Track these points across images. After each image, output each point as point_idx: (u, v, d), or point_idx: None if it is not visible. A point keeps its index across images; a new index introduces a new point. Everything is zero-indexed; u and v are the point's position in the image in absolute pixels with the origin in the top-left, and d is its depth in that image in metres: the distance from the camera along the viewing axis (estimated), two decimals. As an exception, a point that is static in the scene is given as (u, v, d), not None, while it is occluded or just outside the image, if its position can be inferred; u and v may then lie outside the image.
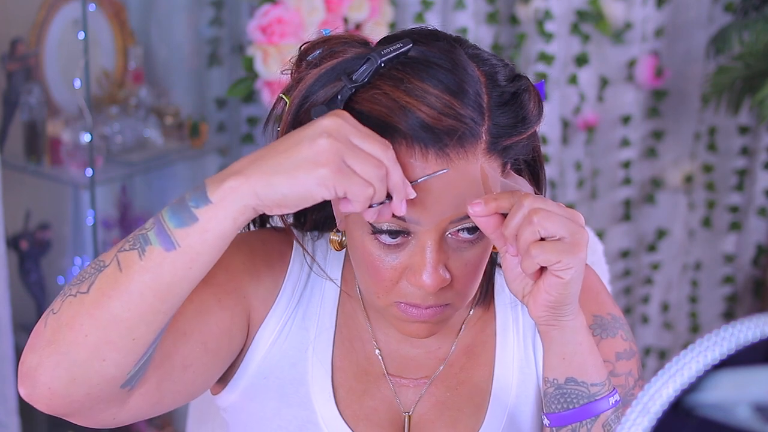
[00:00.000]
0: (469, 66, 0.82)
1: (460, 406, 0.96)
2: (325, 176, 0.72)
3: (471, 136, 0.80)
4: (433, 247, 0.82)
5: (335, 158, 0.73)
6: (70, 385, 0.76)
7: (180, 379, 0.85)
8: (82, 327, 0.76)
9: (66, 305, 0.77)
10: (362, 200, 0.74)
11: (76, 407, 0.79)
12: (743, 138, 2.62)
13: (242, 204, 0.74)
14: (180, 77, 2.31)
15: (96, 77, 2.04)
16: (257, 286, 0.93)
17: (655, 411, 0.48)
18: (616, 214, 2.62)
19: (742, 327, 0.47)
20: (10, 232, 1.90)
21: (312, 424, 0.94)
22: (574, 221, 0.79)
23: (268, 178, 0.73)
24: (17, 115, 1.93)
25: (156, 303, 0.76)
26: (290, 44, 1.88)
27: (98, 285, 0.76)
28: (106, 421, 0.82)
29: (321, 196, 0.74)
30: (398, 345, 0.98)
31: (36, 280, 2.02)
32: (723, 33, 2.14)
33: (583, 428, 0.85)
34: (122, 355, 0.76)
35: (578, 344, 0.84)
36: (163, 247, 0.75)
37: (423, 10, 2.19)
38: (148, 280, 0.75)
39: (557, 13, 2.29)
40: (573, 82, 2.37)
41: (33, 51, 1.95)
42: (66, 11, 1.98)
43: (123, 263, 0.76)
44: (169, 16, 2.28)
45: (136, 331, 0.76)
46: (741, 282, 2.76)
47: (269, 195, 0.73)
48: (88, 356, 0.76)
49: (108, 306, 0.75)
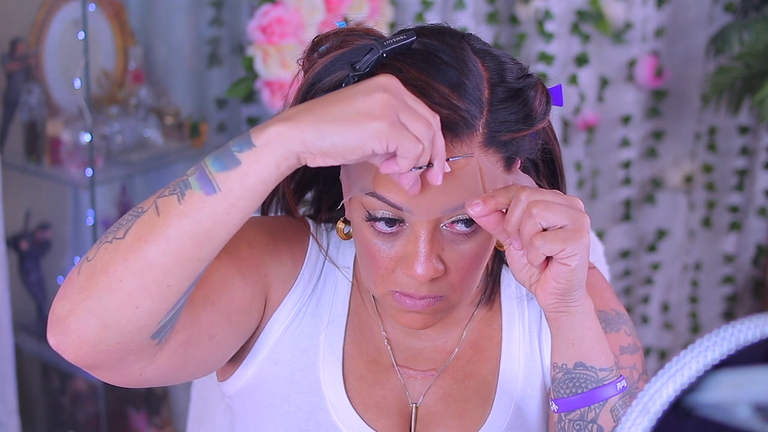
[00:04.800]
0: (471, 60, 0.83)
1: (467, 398, 0.97)
2: (380, 129, 0.72)
3: (466, 127, 0.80)
4: (426, 237, 0.83)
5: (391, 112, 0.73)
6: (101, 333, 0.75)
7: (205, 347, 0.86)
8: (116, 272, 0.74)
9: (101, 252, 0.76)
10: (411, 157, 0.74)
11: (104, 357, 0.77)
12: (743, 138, 2.62)
13: (287, 149, 0.73)
14: (180, 77, 2.31)
15: (96, 77, 2.04)
16: (277, 267, 0.95)
17: (655, 411, 0.48)
18: (616, 214, 2.62)
19: (742, 327, 0.47)
20: (10, 232, 1.90)
21: (321, 410, 0.95)
22: (574, 207, 0.80)
23: (319, 125, 0.73)
24: (17, 115, 1.93)
25: (193, 249, 0.75)
26: (290, 44, 1.88)
27: (135, 230, 0.75)
28: (133, 375, 0.81)
29: (372, 149, 0.73)
30: (405, 337, 0.99)
31: (36, 280, 2.02)
32: (723, 33, 2.14)
33: (591, 413, 0.85)
34: (156, 302, 0.75)
35: (587, 329, 0.85)
36: (204, 191, 0.74)
37: (423, 10, 2.19)
38: (186, 224, 0.74)
39: (557, 13, 2.29)
40: (573, 82, 2.37)
41: (33, 51, 1.95)
42: (66, 11, 1.97)
43: (161, 208, 0.75)
44: (169, 16, 2.28)
45: (171, 277, 0.75)
46: (741, 282, 2.76)
47: (317, 143, 0.73)
48: (122, 303, 0.75)
49: (144, 251, 0.74)
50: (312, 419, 0.95)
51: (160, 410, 2.19)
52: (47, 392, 2.12)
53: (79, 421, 2.09)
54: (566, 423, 0.87)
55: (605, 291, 1.01)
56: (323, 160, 0.74)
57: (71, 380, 2.07)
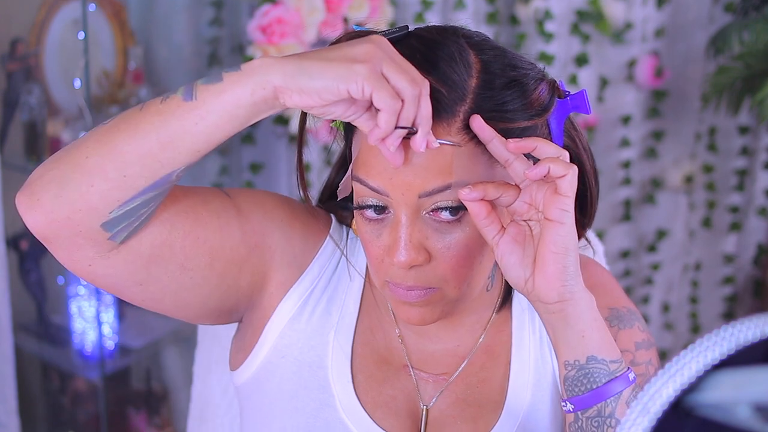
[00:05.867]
0: (461, 49, 0.84)
1: (481, 404, 0.97)
2: (359, 71, 0.75)
3: (443, 111, 0.81)
4: (406, 222, 0.84)
5: (374, 60, 0.76)
6: (55, 201, 0.80)
7: (174, 276, 0.88)
8: (86, 149, 0.80)
9: (90, 132, 0.82)
10: (389, 110, 0.76)
11: (55, 229, 0.81)
12: (743, 138, 2.62)
13: (265, 78, 0.76)
14: (180, 77, 2.30)
15: (96, 77, 2.03)
16: (285, 246, 0.96)
17: (655, 411, 0.48)
18: (616, 214, 2.61)
19: (742, 327, 0.47)
20: (10, 232, 1.90)
21: (329, 407, 0.95)
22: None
23: (301, 62, 0.76)
24: (17, 115, 1.93)
25: (156, 147, 0.79)
26: (290, 44, 1.88)
27: (118, 118, 0.81)
28: (82, 263, 0.84)
29: (347, 89, 0.75)
30: (418, 339, 0.99)
31: (36, 280, 2.02)
32: (723, 33, 2.14)
33: (608, 408, 0.85)
34: (109, 186, 0.79)
35: (594, 320, 0.85)
36: (183, 96, 0.79)
37: (423, 10, 2.19)
38: (156, 122, 0.79)
39: (557, 13, 2.29)
40: (573, 82, 2.37)
41: (33, 51, 1.95)
42: (66, 11, 1.97)
43: (145, 105, 0.81)
44: (169, 16, 2.28)
45: (130, 168, 0.79)
46: (741, 282, 2.76)
47: (296, 77, 0.76)
48: (80, 178, 0.79)
49: (114, 136, 0.79)
50: (320, 416, 0.95)
51: (160, 410, 2.19)
52: (47, 392, 2.12)
53: (79, 421, 2.09)
54: (584, 422, 0.86)
55: (615, 289, 1.02)
56: (300, 98, 0.76)
57: (71, 380, 2.07)
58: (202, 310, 0.93)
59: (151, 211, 0.84)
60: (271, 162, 2.20)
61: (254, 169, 2.18)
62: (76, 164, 0.79)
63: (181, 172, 0.82)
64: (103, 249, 0.83)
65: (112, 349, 2.05)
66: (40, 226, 0.81)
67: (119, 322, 2.05)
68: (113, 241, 0.83)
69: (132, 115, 0.80)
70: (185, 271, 0.88)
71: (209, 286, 0.91)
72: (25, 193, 0.81)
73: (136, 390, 2.20)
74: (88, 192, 0.79)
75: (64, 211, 0.80)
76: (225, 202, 0.92)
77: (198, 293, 0.91)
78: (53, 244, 0.83)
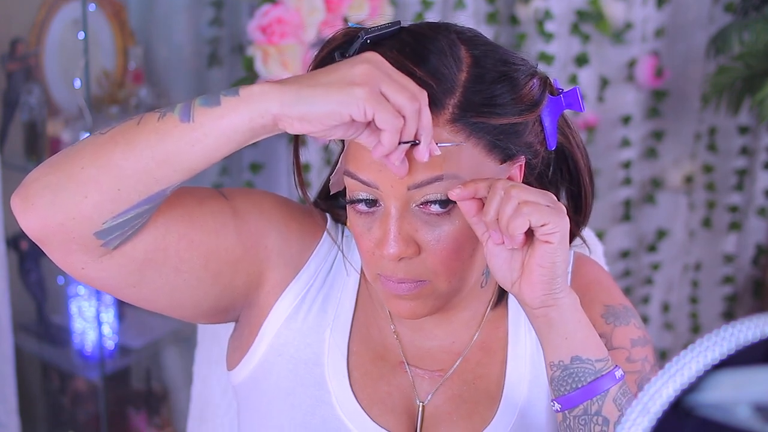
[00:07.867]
0: (451, 44, 0.85)
1: (477, 400, 0.97)
2: (358, 95, 0.75)
3: (432, 104, 0.81)
4: (394, 215, 0.85)
5: (372, 81, 0.76)
6: (50, 208, 0.80)
7: (167, 278, 0.88)
8: (82, 159, 0.80)
9: (86, 140, 0.82)
10: (391, 129, 0.76)
11: (49, 234, 0.81)
12: (743, 138, 2.62)
13: (264, 107, 0.76)
14: (180, 77, 2.30)
15: (96, 77, 2.03)
16: (282, 246, 0.96)
17: (655, 411, 0.48)
18: (616, 214, 2.61)
19: (742, 327, 0.47)
20: (10, 232, 1.90)
21: (326, 404, 0.95)
22: (549, 195, 0.83)
23: (300, 89, 0.76)
24: (17, 115, 1.93)
25: (152, 165, 0.79)
26: (290, 44, 1.88)
27: (115, 130, 0.81)
28: (75, 266, 0.84)
29: (349, 114, 0.75)
30: (413, 335, 0.99)
31: (36, 280, 2.02)
32: (723, 33, 2.14)
33: (594, 406, 0.85)
34: (103, 199, 0.80)
35: (577, 321, 0.85)
36: (180, 116, 0.79)
37: (423, 10, 2.19)
38: (153, 140, 0.79)
39: (557, 13, 2.29)
40: (573, 82, 2.37)
41: (33, 51, 1.95)
42: (66, 11, 1.97)
43: (143, 120, 0.80)
44: (169, 16, 2.28)
45: (124, 183, 0.79)
46: (741, 282, 2.76)
47: (295, 106, 0.76)
48: (75, 188, 0.79)
49: (111, 149, 0.79)
50: (317, 413, 0.95)
51: (160, 410, 2.19)
52: (47, 392, 2.12)
53: (79, 421, 2.09)
54: (571, 420, 0.86)
55: (611, 287, 1.02)
56: (301, 125, 0.77)
57: (71, 380, 2.07)
58: (197, 309, 0.93)
59: (145, 220, 0.84)
60: (271, 162, 2.20)
61: (254, 169, 2.18)
62: (71, 174, 0.79)
63: (176, 187, 0.82)
64: (96, 254, 0.83)
65: (112, 349, 2.05)
66: (33, 229, 0.82)
67: (119, 322, 2.05)
68: (106, 248, 0.83)
69: (129, 130, 0.80)
70: (179, 273, 0.88)
71: (204, 287, 0.91)
72: (20, 195, 0.81)
73: (136, 390, 2.20)
74: (82, 202, 0.79)
75: (58, 218, 0.80)
76: (221, 203, 0.92)
77: (193, 294, 0.91)
78: (47, 246, 0.83)
